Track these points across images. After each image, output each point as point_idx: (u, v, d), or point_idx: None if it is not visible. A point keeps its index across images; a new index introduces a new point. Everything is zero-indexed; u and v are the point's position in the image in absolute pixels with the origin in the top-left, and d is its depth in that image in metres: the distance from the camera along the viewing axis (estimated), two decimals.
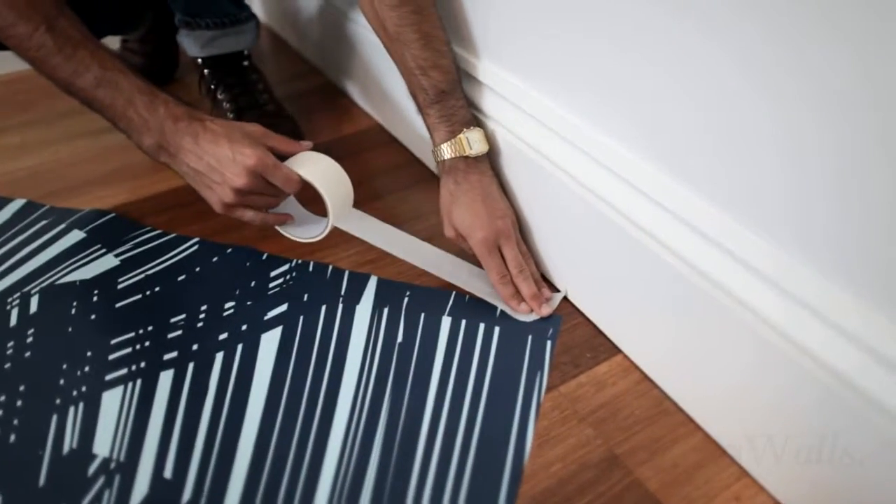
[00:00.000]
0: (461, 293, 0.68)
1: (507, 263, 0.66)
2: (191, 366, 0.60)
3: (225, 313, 0.66)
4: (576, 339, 0.64)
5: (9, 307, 0.66)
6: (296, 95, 1.07)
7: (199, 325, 0.64)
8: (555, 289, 0.69)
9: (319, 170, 0.64)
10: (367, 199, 0.82)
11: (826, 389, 0.42)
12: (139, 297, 0.67)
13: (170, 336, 0.63)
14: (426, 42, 0.64)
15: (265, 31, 1.32)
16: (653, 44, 0.47)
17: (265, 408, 0.57)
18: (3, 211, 0.80)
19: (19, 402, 0.57)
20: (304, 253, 0.73)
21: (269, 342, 0.63)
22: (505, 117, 0.67)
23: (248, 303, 0.67)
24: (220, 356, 0.61)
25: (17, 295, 0.67)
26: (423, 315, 0.65)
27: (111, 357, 0.61)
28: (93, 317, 0.65)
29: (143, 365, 0.60)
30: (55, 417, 0.56)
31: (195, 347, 0.62)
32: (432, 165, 0.84)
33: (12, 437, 0.54)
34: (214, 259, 0.73)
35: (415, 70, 0.64)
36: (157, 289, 0.68)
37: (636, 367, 0.61)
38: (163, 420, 0.56)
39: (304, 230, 0.69)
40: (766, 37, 0.39)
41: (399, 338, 0.63)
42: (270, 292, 0.68)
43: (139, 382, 0.59)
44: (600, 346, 0.63)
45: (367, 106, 1.03)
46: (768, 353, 0.46)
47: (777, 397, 0.47)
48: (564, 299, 0.68)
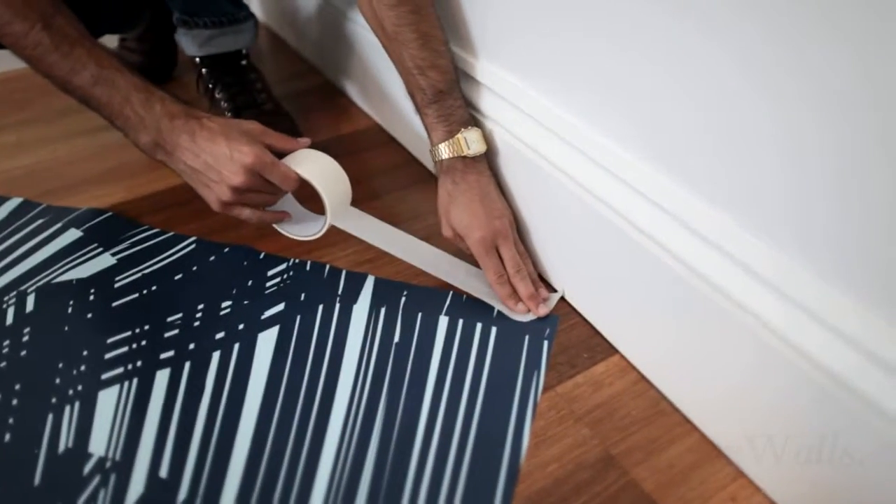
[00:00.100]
0: (458, 293, 0.68)
1: (504, 263, 0.66)
2: (187, 365, 0.60)
3: (222, 312, 0.66)
4: (573, 339, 0.64)
5: (5, 306, 0.66)
6: (294, 95, 1.07)
7: (196, 324, 0.64)
8: (552, 289, 0.69)
9: (317, 168, 0.64)
10: (365, 198, 0.82)
11: (825, 392, 0.42)
12: (136, 295, 0.67)
13: (166, 335, 0.63)
14: (424, 42, 0.63)
15: (264, 31, 1.32)
16: (652, 43, 0.47)
17: (261, 407, 0.57)
18: (0, 209, 0.80)
19: (15, 401, 0.57)
20: (302, 252, 0.73)
21: (266, 341, 0.63)
22: (503, 117, 0.67)
23: (245, 302, 0.67)
24: (216, 355, 0.61)
25: (14, 293, 0.67)
26: (420, 315, 0.65)
27: (107, 356, 0.61)
28: (89, 315, 0.65)
29: (139, 364, 0.60)
30: (51, 416, 0.56)
31: (192, 346, 0.62)
32: (430, 165, 0.84)
33: (8, 436, 0.54)
34: (211, 258, 0.73)
35: (413, 70, 0.64)
36: (153, 287, 0.68)
37: (633, 368, 0.61)
38: (159, 419, 0.56)
39: (302, 228, 0.69)
40: (766, 36, 0.39)
41: (396, 337, 0.63)
42: (267, 291, 0.68)
43: (135, 381, 0.59)
44: (597, 347, 0.63)
45: (366, 105, 1.03)
46: (768, 355, 0.46)
47: (776, 399, 0.47)
48: (562, 299, 0.68)
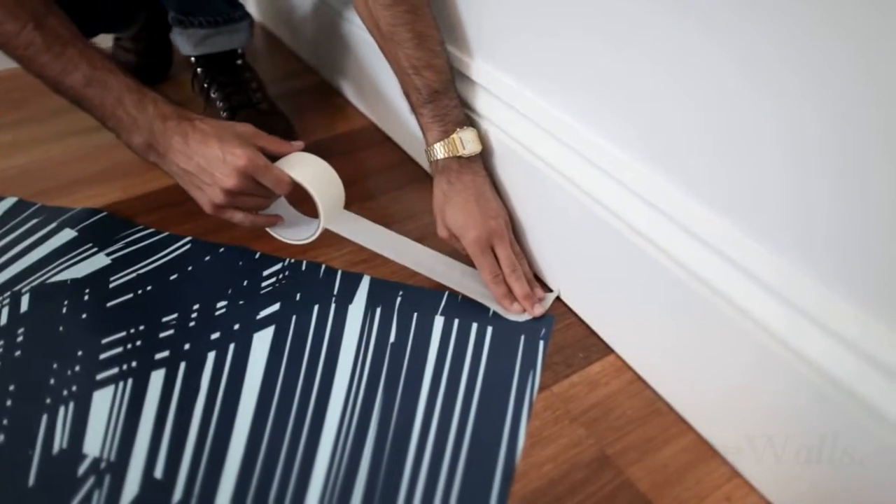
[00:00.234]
0: (454, 293, 0.68)
1: (500, 263, 0.66)
2: (182, 365, 0.60)
3: (217, 312, 0.65)
4: (568, 338, 0.64)
5: None
6: (290, 94, 1.07)
7: (191, 324, 0.64)
8: (548, 289, 0.69)
9: (311, 171, 0.64)
10: (360, 198, 0.82)
11: (825, 395, 0.42)
12: (131, 296, 0.67)
13: (161, 335, 0.63)
14: (420, 41, 0.63)
15: (259, 30, 1.32)
16: (650, 42, 0.47)
17: (257, 407, 0.57)
18: None
19: (9, 402, 0.57)
20: (297, 252, 0.73)
21: (262, 342, 0.63)
22: (498, 117, 0.67)
23: (241, 302, 0.67)
24: (211, 356, 0.61)
25: (8, 294, 0.67)
26: (415, 315, 0.65)
27: (102, 356, 0.61)
28: (84, 316, 0.65)
29: (134, 364, 0.60)
30: (45, 417, 0.56)
31: (187, 347, 0.62)
32: (426, 165, 0.84)
33: (1, 437, 0.54)
34: (207, 258, 0.73)
35: (408, 69, 0.64)
36: (148, 288, 0.68)
37: (629, 368, 0.61)
38: (154, 420, 0.56)
39: (295, 232, 0.69)
40: (767, 35, 0.39)
41: (391, 337, 0.63)
42: (263, 292, 0.68)
43: (130, 382, 0.59)
44: (593, 346, 0.63)
45: (361, 105, 1.03)
46: (767, 359, 0.45)
47: (776, 401, 0.46)
48: (557, 299, 0.68)
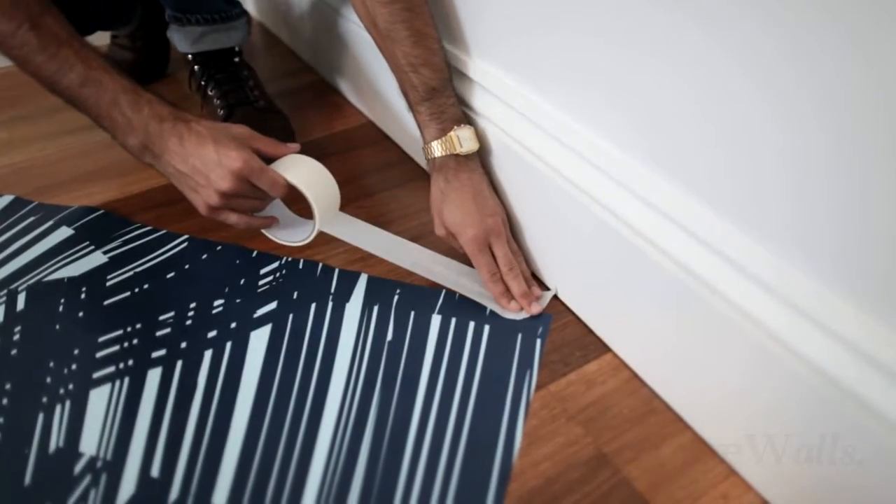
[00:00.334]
0: (451, 291, 0.68)
1: (497, 261, 0.66)
2: (179, 364, 0.60)
3: (214, 311, 0.65)
4: (566, 337, 0.64)
5: None
6: (287, 92, 1.07)
7: (188, 322, 0.64)
8: (545, 287, 0.69)
9: (306, 173, 0.64)
10: (357, 196, 0.82)
11: (825, 396, 0.42)
12: (127, 294, 0.67)
13: (158, 334, 0.63)
14: (417, 39, 0.63)
15: (257, 28, 1.32)
16: (650, 41, 0.47)
17: (253, 406, 0.57)
18: None
19: (5, 401, 0.57)
20: (294, 250, 0.72)
21: (259, 340, 0.62)
22: (496, 115, 0.67)
23: (238, 300, 0.66)
24: (208, 354, 0.61)
25: (4, 292, 0.66)
26: (412, 313, 0.65)
27: (99, 355, 0.61)
28: (80, 314, 0.65)
29: (130, 363, 0.60)
30: (41, 416, 0.55)
31: (184, 345, 0.62)
32: (423, 163, 0.84)
33: None
34: (204, 256, 0.72)
35: (406, 67, 0.64)
36: (145, 286, 0.68)
37: (626, 366, 0.61)
38: (150, 418, 0.56)
39: (291, 233, 0.69)
40: (768, 34, 0.38)
41: (389, 336, 0.63)
42: (260, 290, 0.68)
43: (127, 380, 0.58)
44: (590, 345, 0.63)
45: (359, 103, 1.03)
46: (767, 359, 0.45)
47: (775, 401, 0.46)
48: (555, 298, 0.68)
